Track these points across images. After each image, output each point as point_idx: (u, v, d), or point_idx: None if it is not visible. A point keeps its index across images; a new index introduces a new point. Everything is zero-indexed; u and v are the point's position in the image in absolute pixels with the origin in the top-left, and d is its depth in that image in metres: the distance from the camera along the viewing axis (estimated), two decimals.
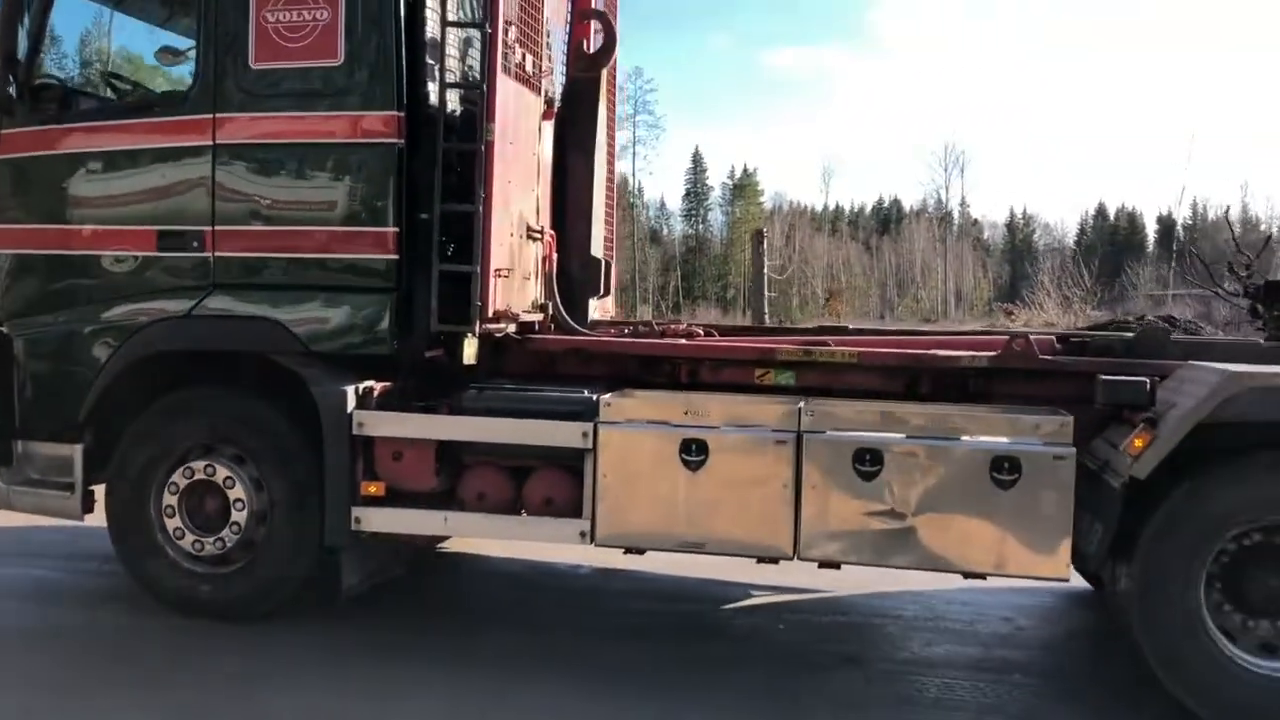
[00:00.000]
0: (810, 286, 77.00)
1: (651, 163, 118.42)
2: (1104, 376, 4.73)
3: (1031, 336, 5.22)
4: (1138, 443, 4.37)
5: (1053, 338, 5.52)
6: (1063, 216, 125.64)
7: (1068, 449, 4.56)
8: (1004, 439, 4.65)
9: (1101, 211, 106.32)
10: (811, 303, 69.01)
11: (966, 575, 4.76)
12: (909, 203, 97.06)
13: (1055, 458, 4.54)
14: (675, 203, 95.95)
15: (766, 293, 19.12)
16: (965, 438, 4.68)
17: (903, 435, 4.72)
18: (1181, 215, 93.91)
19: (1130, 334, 5.42)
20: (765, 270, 19.01)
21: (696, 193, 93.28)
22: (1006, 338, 5.26)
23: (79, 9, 5.93)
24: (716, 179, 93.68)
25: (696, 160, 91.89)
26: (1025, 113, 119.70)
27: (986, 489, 4.57)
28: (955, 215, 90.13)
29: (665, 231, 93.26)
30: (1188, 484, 4.36)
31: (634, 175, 71.27)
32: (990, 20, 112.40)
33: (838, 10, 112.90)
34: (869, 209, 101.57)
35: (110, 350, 5.35)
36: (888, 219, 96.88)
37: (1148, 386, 4.62)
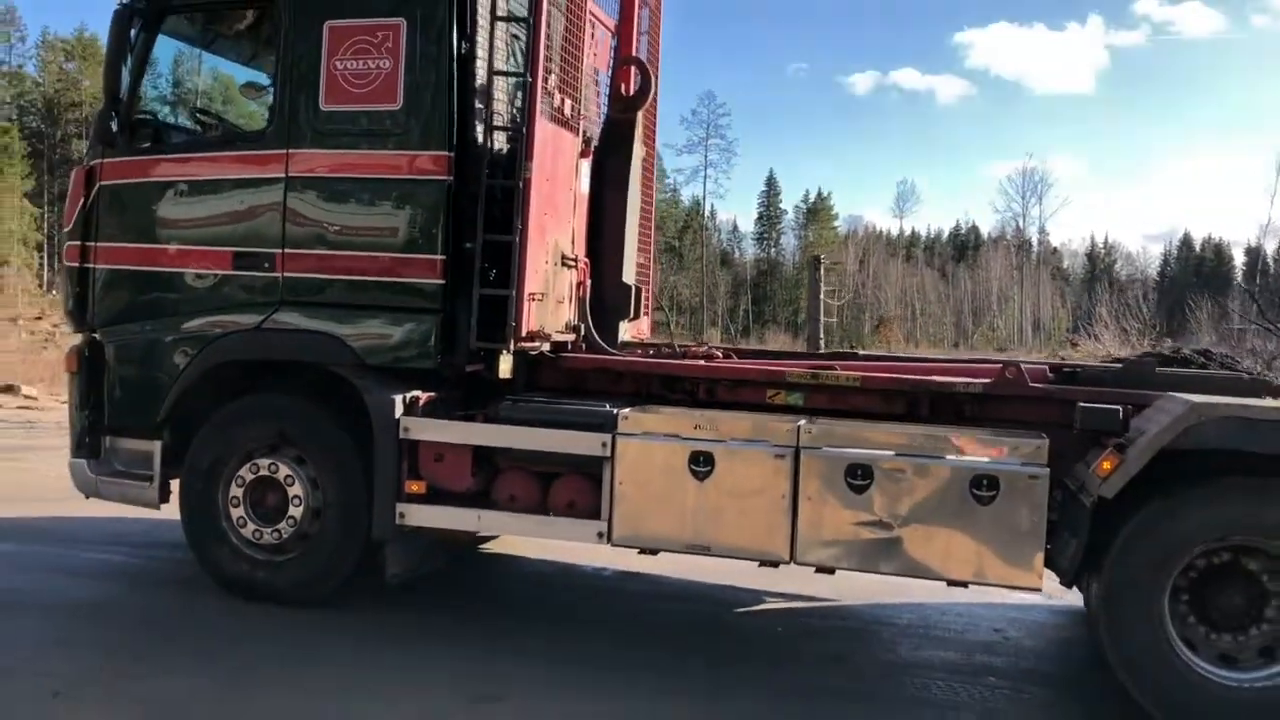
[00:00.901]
0: (885, 311, 76.82)
1: (723, 186, 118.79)
2: (1082, 404, 5.13)
3: (1024, 366, 5.61)
4: (1106, 465, 4.74)
5: (1045, 367, 5.89)
6: (1145, 246, 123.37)
7: (1042, 469, 4.94)
8: (984, 458, 5.04)
9: (1187, 242, 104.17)
10: (885, 328, 68.84)
11: (950, 583, 5.15)
12: (987, 229, 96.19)
13: (1030, 477, 4.93)
14: (748, 226, 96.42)
15: (822, 318, 19.43)
16: (948, 456, 5.07)
17: (892, 453, 5.13)
18: (1270, 246, 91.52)
19: (1120, 365, 5.78)
20: (821, 295, 19.29)
21: (769, 216, 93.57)
22: (1000, 366, 5.66)
23: (173, 52, 6.66)
24: (790, 202, 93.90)
25: (770, 183, 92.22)
26: (1111, 139, 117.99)
27: (967, 504, 4.97)
28: (1034, 243, 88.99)
29: (737, 254, 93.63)
30: (1158, 503, 4.70)
31: (705, 198, 71.93)
32: (1073, 43, 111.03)
33: (916, 33, 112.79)
34: (946, 235, 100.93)
35: (188, 357, 6.02)
36: (964, 246, 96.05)
37: (1120, 415, 5.01)
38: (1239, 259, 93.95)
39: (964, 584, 5.13)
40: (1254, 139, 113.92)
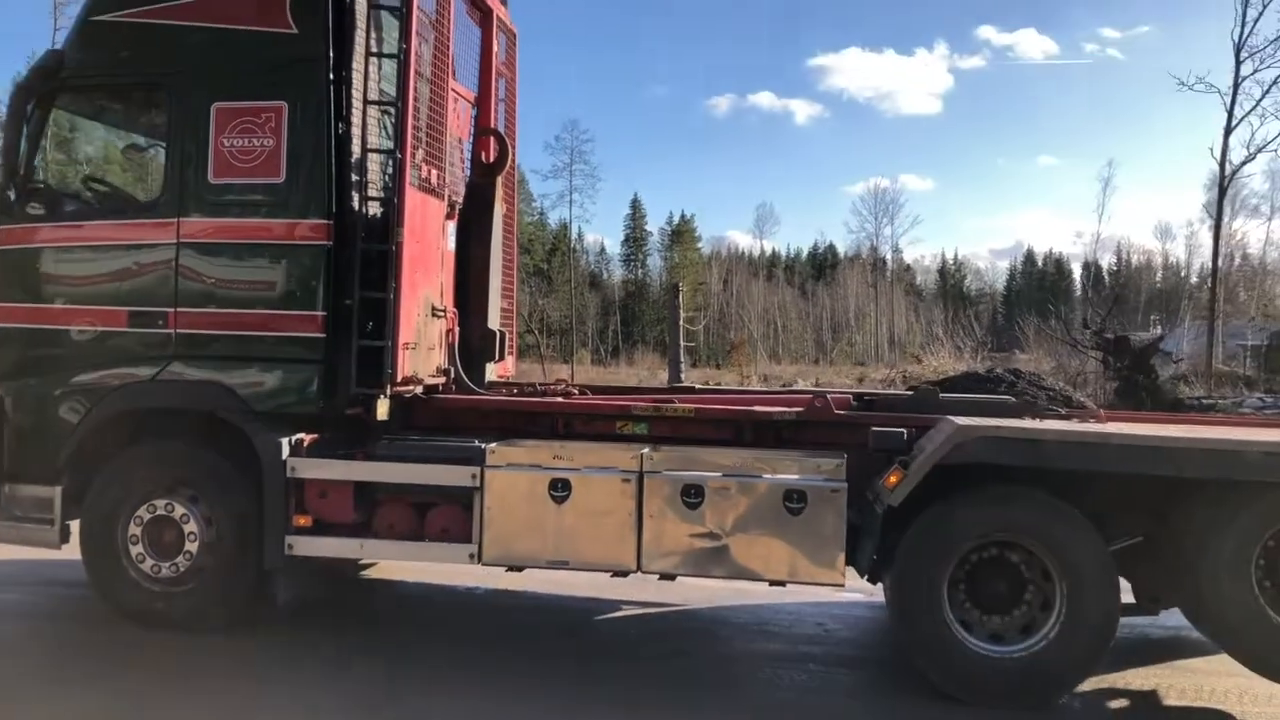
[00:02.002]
0: (748, 330, 78.87)
1: (589, 211, 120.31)
2: (874, 428, 6.15)
3: (830, 396, 6.63)
4: (893, 479, 5.74)
5: (849, 397, 6.92)
6: (993, 262, 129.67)
7: (841, 483, 5.92)
8: (794, 476, 5.99)
9: (1030, 257, 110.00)
10: (748, 346, 70.72)
11: (770, 583, 6.07)
12: (843, 248, 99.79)
13: (832, 490, 5.91)
14: (616, 248, 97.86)
15: (682, 342, 20.44)
16: (765, 475, 6.01)
17: (719, 474, 6.04)
18: (1106, 260, 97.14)
19: (910, 393, 6.85)
20: (680, 322, 20.28)
21: (635, 238, 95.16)
22: (810, 397, 6.66)
23: (71, 127, 7.18)
24: (655, 224, 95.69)
25: (635, 206, 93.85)
26: (959, 158, 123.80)
27: (781, 515, 5.90)
28: (888, 261, 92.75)
29: (605, 276, 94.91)
30: (935, 509, 5.71)
31: (572, 223, 72.90)
32: (921, 67, 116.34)
33: (772, 57, 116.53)
34: (805, 254, 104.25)
35: (88, 408, 6.54)
36: (823, 264, 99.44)
37: (904, 436, 6.03)
38: (1077, 272, 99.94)
39: (782, 583, 6.06)
40: (1088, 157, 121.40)
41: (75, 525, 6.67)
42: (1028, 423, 6.13)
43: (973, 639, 5.72)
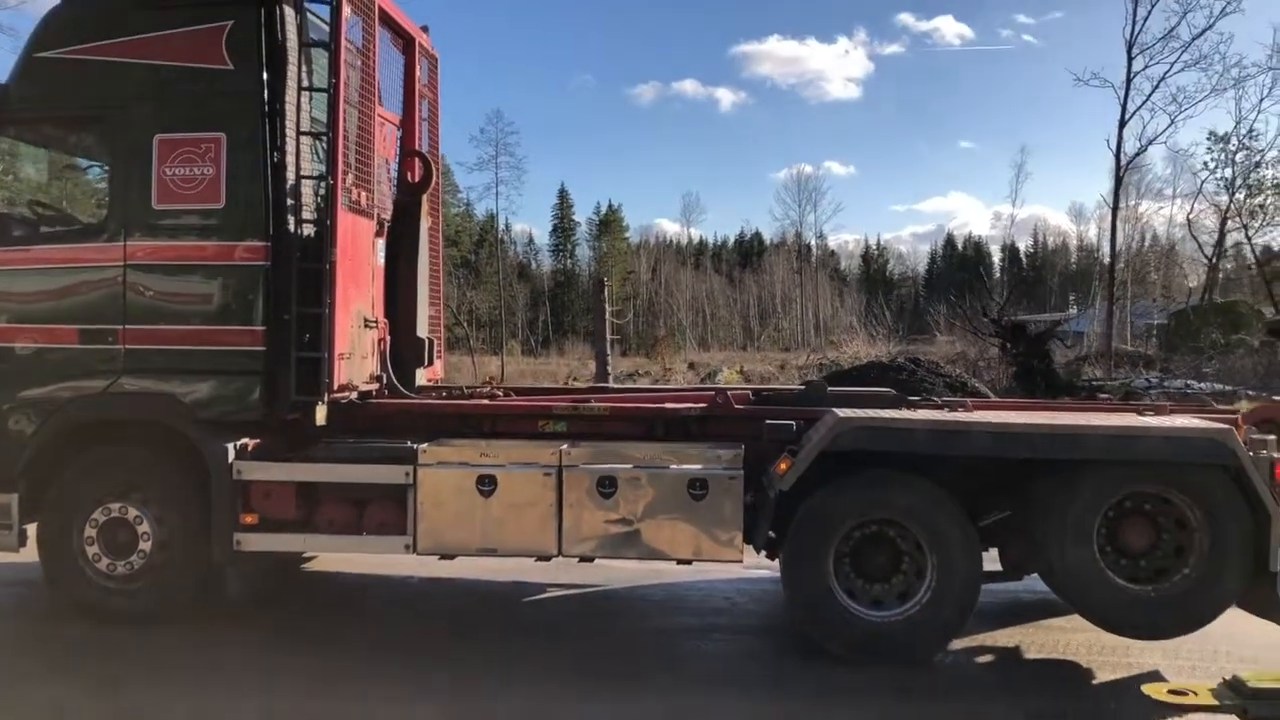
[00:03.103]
0: (676, 318, 79.81)
1: (515, 203, 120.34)
2: (767, 421, 6.88)
3: (730, 393, 7.34)
4: (783, 466, 6.47)
5: (749, 392, 7.65)
6: (915, 246, 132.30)
7: (738, 471, 6.62)
8: (697, 466, 6.69)
9: (950, 241, 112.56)
10: (677, 333, 71.62)
11: (678, 561, 6.77)
12: (769, 236, 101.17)
13: (730, 478, 6.62)
14: (544, 238, 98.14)
15: (609, 336, 21.06)
16: (671, 466, 6.70)
17: (631, 466, 6.71)
18: (1024, 243, 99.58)
19: (801, 388, 7.61)
20: (608, 316, 20.90)
21: (563, 228, 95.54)
22: (713, 394, 7.37)
23: (18, 156, 7.62)
24: (583, 214, 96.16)
25: (562, 195, 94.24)
26: (881, 143, 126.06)
27: (686, 501, 6.60)
28: (813, 247, 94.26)
29: (534, 266, 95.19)
30: (820, 493, 6.45)
31: (499, 215, 73.04)
32: (842, 54, 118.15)
33: (694, 46, 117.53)
34: (732, 242, 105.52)
35: (41, 420, 7.01)
36: (749, 252, 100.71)
37: (794, 428, 6.77)
38: (997, 255, 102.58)
39: (688, 561, 6.76)
40: (1006, 141, 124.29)
41: (31, 529, 7.13)
42: (901, 413, 6.87)
43: (856, 605, 6.47)
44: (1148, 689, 4.78)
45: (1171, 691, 4.54)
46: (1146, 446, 6.27)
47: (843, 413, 6.54)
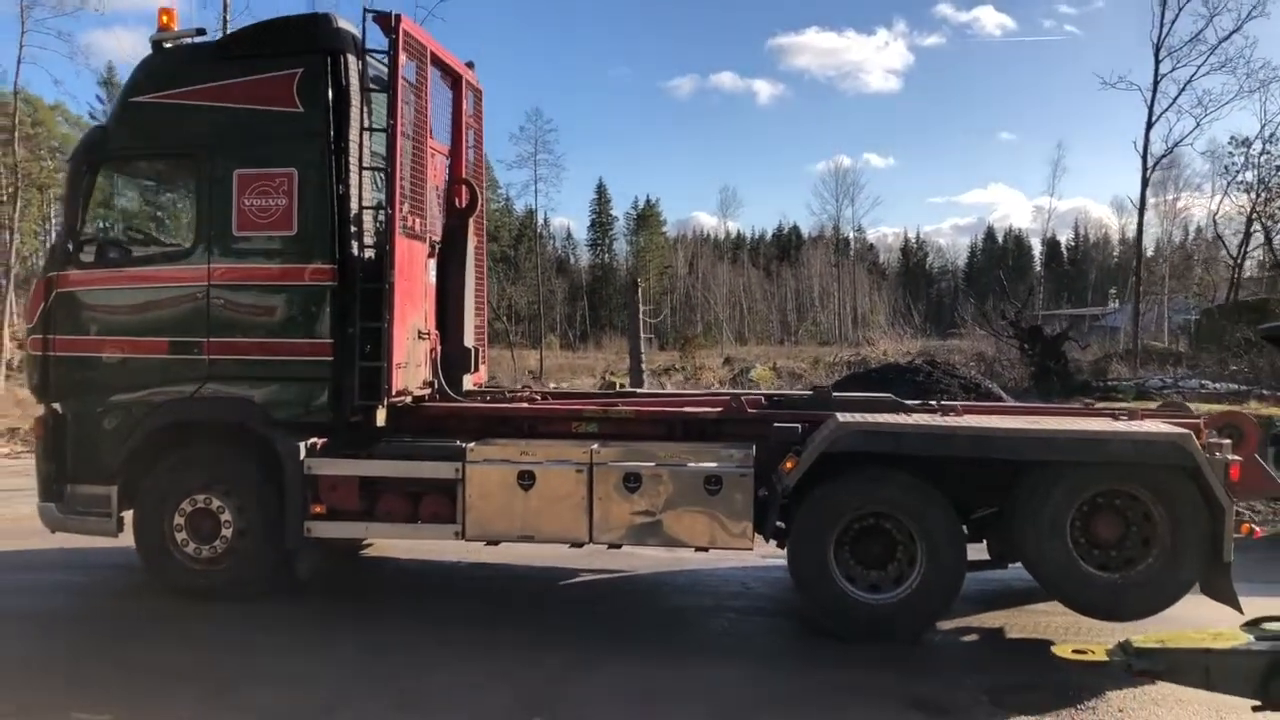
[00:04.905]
0: (714, 312, 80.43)
1: (554, 200, 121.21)
2: (776, 424, 7.69)
3: (744, 398, 8.18)
4: (789, 465, 7.28)
5: (761, 398, 8.47)
6: (954, 239, 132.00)
7: (749, 469, 7.43)
8: (713, 464, 7.51)
9: (991, 234, 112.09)
10: (714, 328, 72.26)
11: (696, 549, 7.59)
12: (807, 229, 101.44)
13: (742, 475, 7.43)
14: (582, 232, 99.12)
15: (643, 335, 21.88)
16: (690, 464, 7.53)
17: (654, 464, 7.55)
18: (1065, 236, 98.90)
19: (810, 393, 8.43)
20: (641, 316, 21.72)
21: (601, 223, 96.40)
22: (729, 399, 8.21)
23: (116, 189, 8.61)
24: (621, 209, 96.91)
25: (600, 190, 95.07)
26: (920, 135, 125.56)
27: (703, 495, 7.42)
28: (850, 241, 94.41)
29: (572, 261, 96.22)
30: (821, 489, 7.24)
31: (538, 211, 74.01)
32: (881, 46, 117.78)
33: (732, 37, 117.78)
34: (769, 235, 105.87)
35: (138, 421, 7.99)
36: (787, 245, 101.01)
37: (799, 430, 7.57)
38: (1037, 248, 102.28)
39: (705, 549, 7.59)
40: (1047, 132, 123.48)
41: (128, 517, 8.12)
42: (896, 418, 7.65)
43: (855, 589, 7.25)
44: (1056, 649, 5.49)
45: (1075, 650, 5.29)
46: (1115, 449, 7.01)
47: (843, 417, 7.34)
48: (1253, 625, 4.92)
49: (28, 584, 8.79)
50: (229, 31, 8.04)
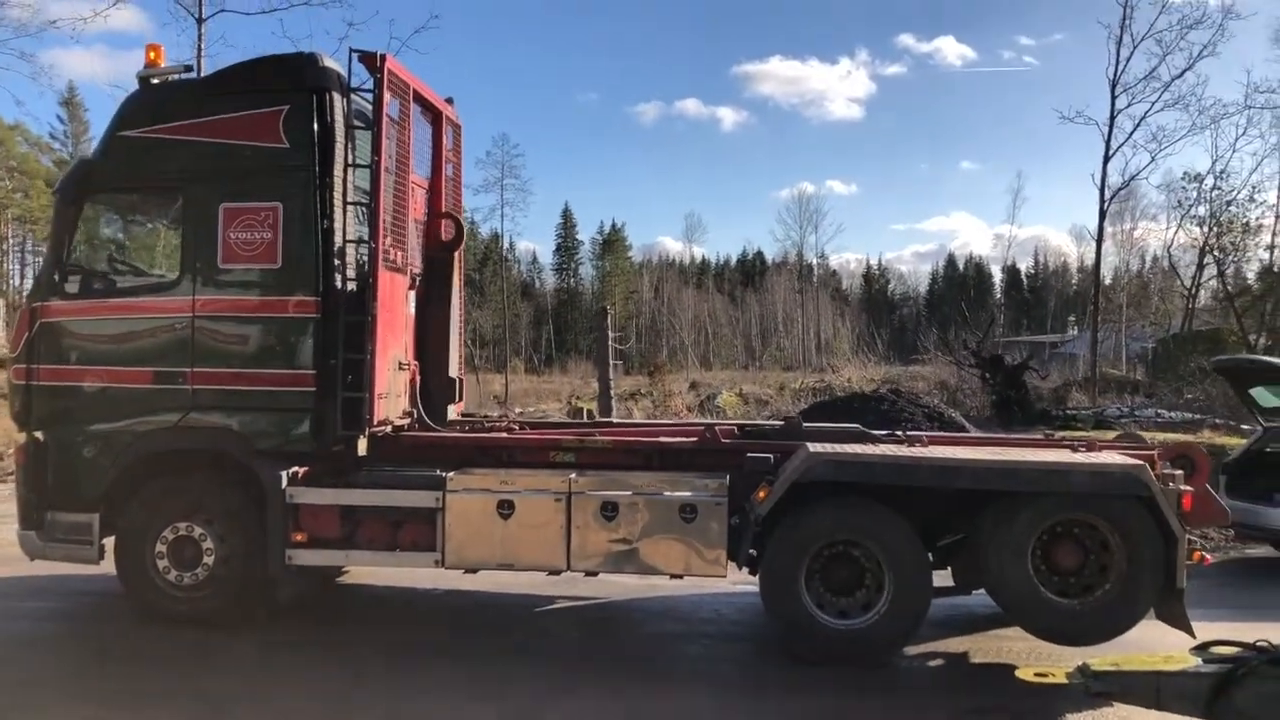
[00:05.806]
0: (679, 337, 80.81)
1: (520, 224, 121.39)
2: (749, 454, 7.92)
3: (717, 428, 8.41)
4: (761, 494, 7.49)
5: (734, 427, 8.71)
6: (916, 266, 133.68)
7: (723, 498, 7.64)
8: (688, 493, 7.71)
9: (951, 261, 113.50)
10: (680, 353, 72.57)
11: (671, 576, 7.79)
12: (771, 255, 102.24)
13: (716, 503, 7.65)
14: (548, 256, 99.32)
15: (611, 361, 22.07)
16: (665, 493, 7.73)
17: (630, 493, 7.75)
18: (1025, 263, 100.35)
19: (780, 423, 8.68)
20: (610, 343, 21.92)
21: (567, 247, 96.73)
22: (703, 429, 8.44)
23: (102, 222, 8.74)
24: (587, 233, 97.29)
25: (566, 215, 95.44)
26: (883, 163, 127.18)
27: (678, 523, 7.63)
28: (814, 267, 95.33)
29: (538, 285, 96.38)
30: (792, 517, 7.47)
31: (504, 235, 74.12)
32: (844, 75, 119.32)
33: (696, 65, 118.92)
34: (734, 261, 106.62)
35: (120, 449, 8.08)
36: (751, 271, 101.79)
37: (771, 460, 7.80)
38: (998, 276, 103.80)
39: (680, 576, 7.78)
40: (1008, 161, 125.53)
41: (108, 545, 8.20)
42: (864, 448, 7.90)
43: (824, 615, 7.45)
44: (1019, 673, 5.75)
45: (1037, 674, 5.56)
46: (1075, 480, 7.29)
47: (814, 448, 7.59)
48: (1202, 649, 5.20)
49: (10, 610, 8.81)
50: (216, 69, 8.13)
